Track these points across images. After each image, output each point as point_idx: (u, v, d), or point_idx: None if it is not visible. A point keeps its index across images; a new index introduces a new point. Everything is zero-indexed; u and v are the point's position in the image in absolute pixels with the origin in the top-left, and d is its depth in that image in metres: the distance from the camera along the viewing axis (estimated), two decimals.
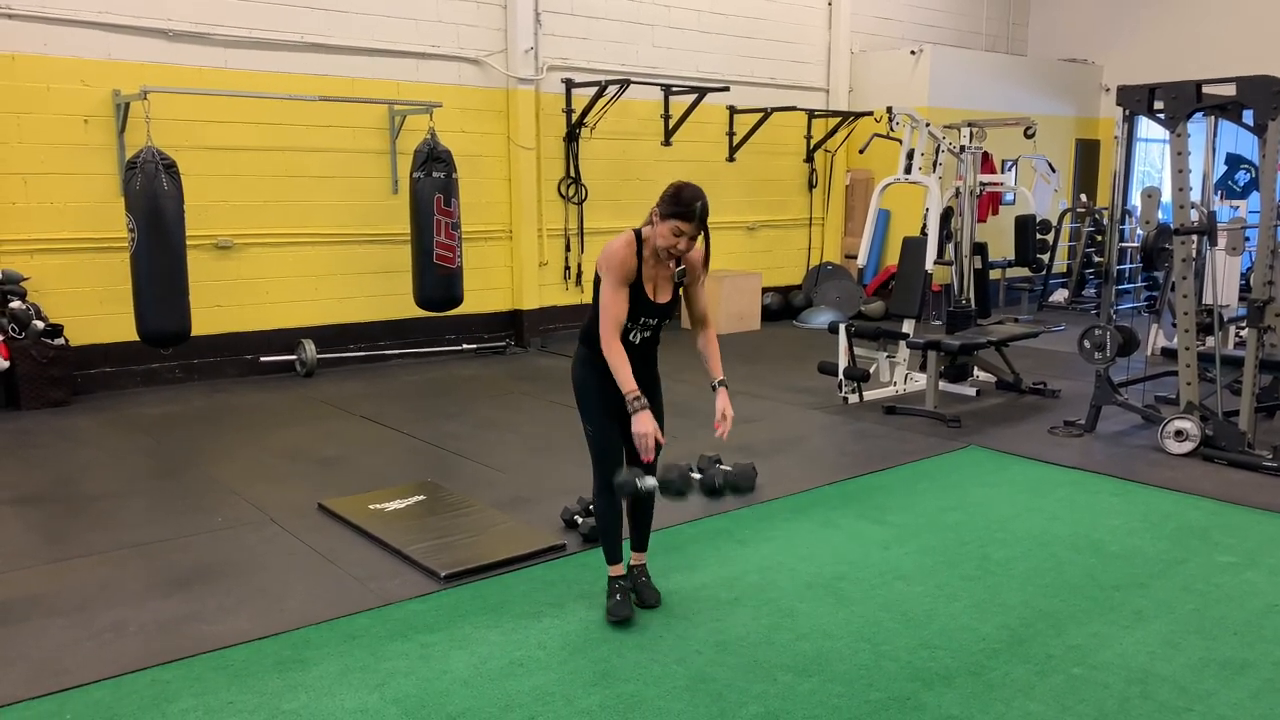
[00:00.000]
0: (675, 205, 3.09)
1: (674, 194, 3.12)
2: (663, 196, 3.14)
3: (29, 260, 6.52)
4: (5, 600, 3.54)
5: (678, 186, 3.14)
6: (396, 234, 7.82)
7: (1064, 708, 2.86)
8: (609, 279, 3.17)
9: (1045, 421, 6.18)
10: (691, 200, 3.09)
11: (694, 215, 3.09)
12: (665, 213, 3.11)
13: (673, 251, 3.15)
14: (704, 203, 3.11)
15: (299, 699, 2.88)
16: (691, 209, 3.09)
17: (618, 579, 3.50)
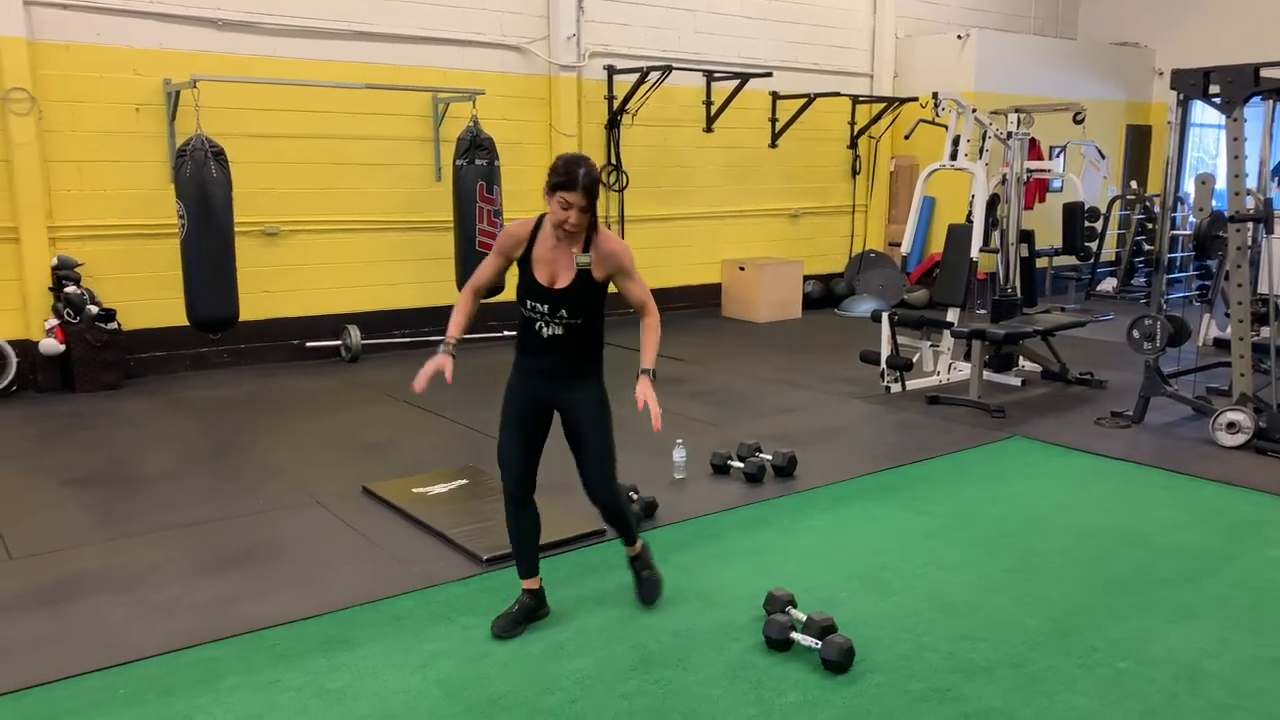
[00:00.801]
0: (557, 175, 2.91)
1: (555, 166, 2.95)
2: (549, 171, 2.97)
3: (83, 246, 6.67)
4: (63, 577, 3.64)
5: (563, 158, 2.98)
6: (440, 221, 7.88)
7: (1109, 702, 2.82)
8: (492, 251, 3.18)
9: (1092, 412, 6.08)
10: (573, 167, 2.91)
11: (577, 183, 2.89)
12: (550, 184, 2.93)
13: (566, 227, 2.95)
14: (589, 170, 2.92)
15: (343, 678, 2.94)
16: (573, 176, 2.89)
17: (527, 594, 3.30)
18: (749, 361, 7.77)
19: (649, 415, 3.17)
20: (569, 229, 2.97)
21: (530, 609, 3.28)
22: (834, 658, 2.98)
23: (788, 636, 3.12)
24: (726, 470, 4.89)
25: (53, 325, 6.45)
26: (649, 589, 3.43)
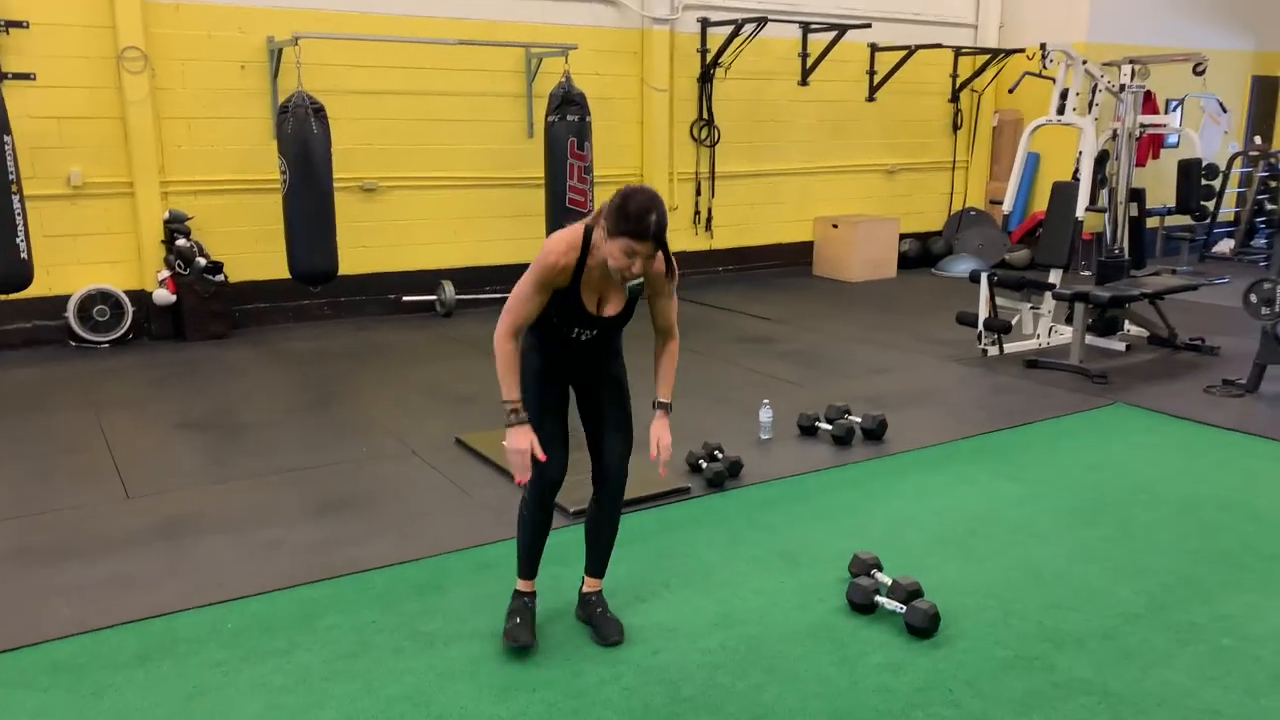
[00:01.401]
0: (624, 221, 2.49)
1: (621, 205, 2.51)
2: (608, 206, 2.55)
3: (193, 200, 6.94)
4: (175, 516, 3.84)
5: (625, 195, 2.53)
6: (531, 178, 7.93)
7: (1208, 679, 2.73)
8: (530, 274, 2.64)
9: (1201, 380, 5.83)
10: (643, 214, 2.49)
11: (648, 233, 2.50)
12: (612, 229, 2.52)
13: (626, 275, 2.59)
14: (660, 215, 2.52)
15: (435, 622, 3.04)
16: (644, 224, 2.49)
17: (524, 595, 2.96)
18: (839, 321, 7.66)
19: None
20: (628, 277, 2.61)
21: (534, 610, 2.97)
22: (919, 623, 2.95)
23: (872, 600, 3.10)
24: (814, 432, 4.85)
25: (165, 277, 6.75)
26: (613, 628, 2.95)
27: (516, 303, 2.69)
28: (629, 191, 2.56)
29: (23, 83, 6.28)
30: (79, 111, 6.52)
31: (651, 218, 2.51)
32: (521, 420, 2.69)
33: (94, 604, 3.14)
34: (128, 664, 2.80)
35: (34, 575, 3.34)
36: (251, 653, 2.86)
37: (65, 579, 3.31)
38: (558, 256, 2.61)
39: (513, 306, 2.70)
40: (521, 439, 2.68)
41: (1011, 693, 2.67)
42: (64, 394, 5.57)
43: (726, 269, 9.39)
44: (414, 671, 2.77)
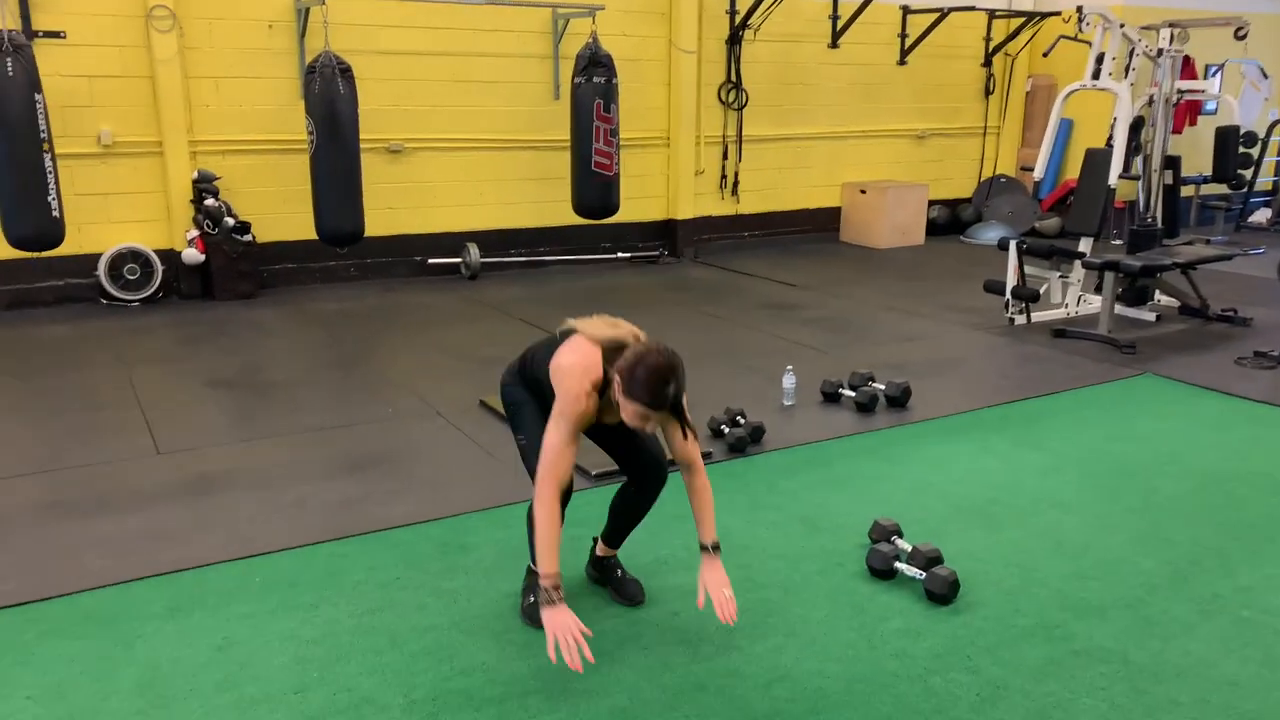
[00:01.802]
0: (639, 389, 2.41)
1: (636, 373, 2.41)
2: (625, 368, 2.43)
3: (221, 160, 6.97)
4: (204, 473, 3.91)
5: (639, 359, 2.42)
6: (557, 140, 7.89)
7: (1228, 650, 2.73)
8: (561, 421, 2.51)
9: (1232, 351, 5.75)
10: (659, 387, 2.41)
11: (663, 405, 2.44)
12: (627, 391, 2.43)
13: (642, 432, 2.59)
14: (677, 385, 2.45)
15: (458, 580, 3.08)
16: (660, 397, 2.42)
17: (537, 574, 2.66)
18: (866, 288, 7.61)
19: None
20: (648, 431, 2.58)
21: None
22: (938, 589, 2.96)
23: (892, 566, 3.11)
24: (837, 399, 4.84)
25: (193, 236, 6.80)
26: (635, 589, 2.98)
27: (554, 456, 2.50)
28: (646, 356, 2.43)
29: (53, 41, 6.32)
30: (108, 70, 6.54)
31: (668, 390, 2.42)
32: (561, 598, 2.45)
33: (125, 556, 3.20)
34: (158, 615, 2.87)
35: (67, 528, 3.42)
36: (279, 606, 2.92)
37: (97, 532, 3.38)
38: (585, 401, 2.51)
39: (552, 462, 2.50)
40: (564, 616, 2.43)
41: (1030, 660, 2.68)
42: (95, 351, 5.65)
43: (752, 234, 9.34)
44: (437, 627, 2.81)
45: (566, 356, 2.58)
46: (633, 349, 2.48)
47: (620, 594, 2.98)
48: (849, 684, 2.57)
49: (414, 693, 2.51)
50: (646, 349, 2.47)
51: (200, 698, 2.48)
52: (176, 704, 2.46)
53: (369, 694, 2.51)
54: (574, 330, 2.65)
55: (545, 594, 2.45)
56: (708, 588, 2.65)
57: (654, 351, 2.45)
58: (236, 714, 2.42)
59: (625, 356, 2.47)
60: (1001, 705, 2.48)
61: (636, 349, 2.48)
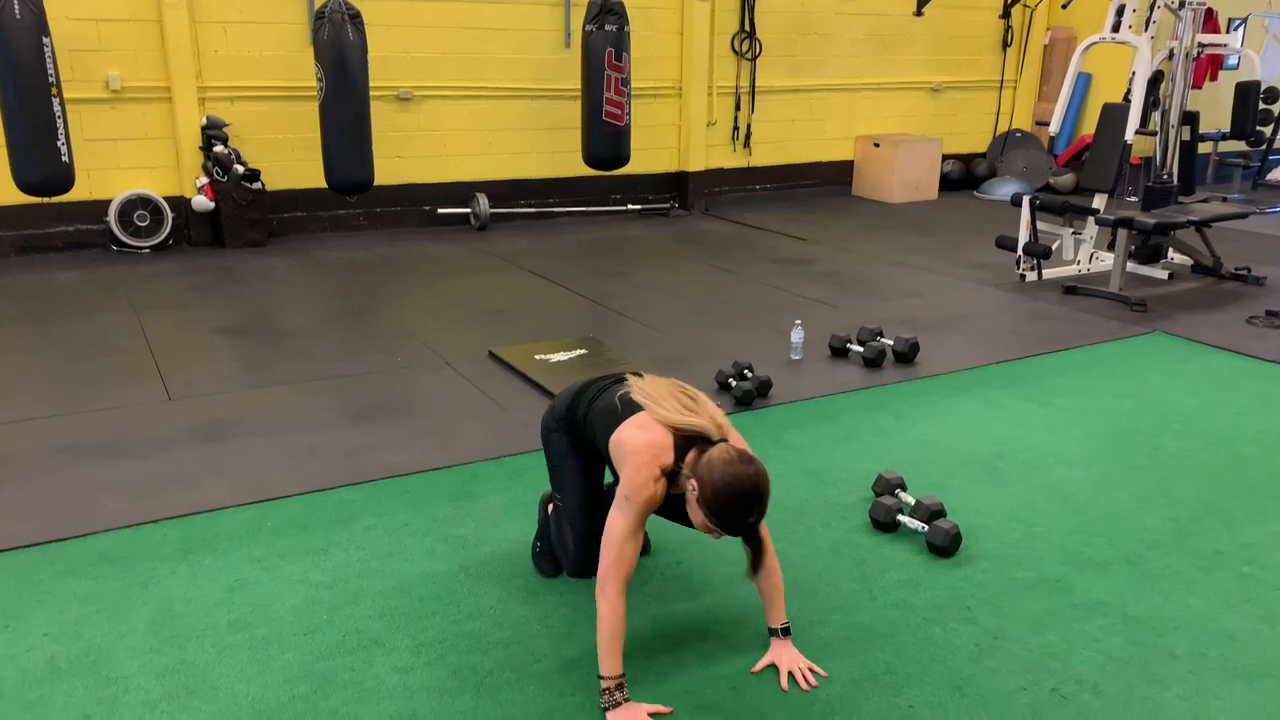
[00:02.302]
0: (720, 515, 2.23)
1: (720, 492, 2.20)
2: (706, 479, 2.20)
3: (230, 107, 6.93)
4: (216, 419, 3.95)
5: (726, 477, 2.19)
6: (567, 89, 7.82)
7: (1227, 605, 2.76)
8: (628, 507, 2.29)
9: (1244, 311, 5.72)
10: (741, 516, 2.23)
11: (742, 532, 2.30)
12: (708, 510, 2.23)
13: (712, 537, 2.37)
14: (761, 513, 2.27)
15: (467, 526, 3.12)
16: (740, 527, 2.27)
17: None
18: (877, 243, 7.57)
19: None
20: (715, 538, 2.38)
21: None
22: (939, 542, 2.99)
23: (894, 519, 3.14)
24: (845, 354, 4.85)
25: (203, 183, 6.79)
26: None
27: (620, 547, 2.29)
28: (735, 477, 2.19)
29: None
30: (116, 14, 6.48)
31: (750, 520, 2.25)
32: (625, 699, 2.27)
33: (138, 500, 3.25)
34: (171, 557, 2.92)
35: (80, 471, 3.46)
36: (290, 550, 2.96)
37: (110, 475, 3.43)
38: (654, 489, 2.29)
39: (617, 554, 2.28)
40: (637, 715, 2.26)
41: (1029, 612, 2.71)
42: (106, 297, 5.68)
43: (764, 187, 9.27)
44: (445, 573, 2.86)
45: (635, 435, 2.35)
46: (720, 456, 2.22)
47: None
48: (849, 633, 2.61)
49: (422, 635, 2.56)
50: (735, 463, 2.21)
51: (213, 636, 2.54)
52: (190, 642, 2.51)
53: (378, 636, 2.56)
54: (638, 403, 2.41)
55: (609, 695, 2.26)
56: (786, 665, 2.44)
57: (743, 472, 2.21)
58: (249, 653, 2.48)
59: (710, 463, 2.22)
60: (999, 655, 2.52)
61: (724, 458, 2.21)
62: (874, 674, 2.44)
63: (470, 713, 2.28)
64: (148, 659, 2.45)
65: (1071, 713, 2.31)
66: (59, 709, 2.27)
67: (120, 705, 2.28)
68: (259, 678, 2.38)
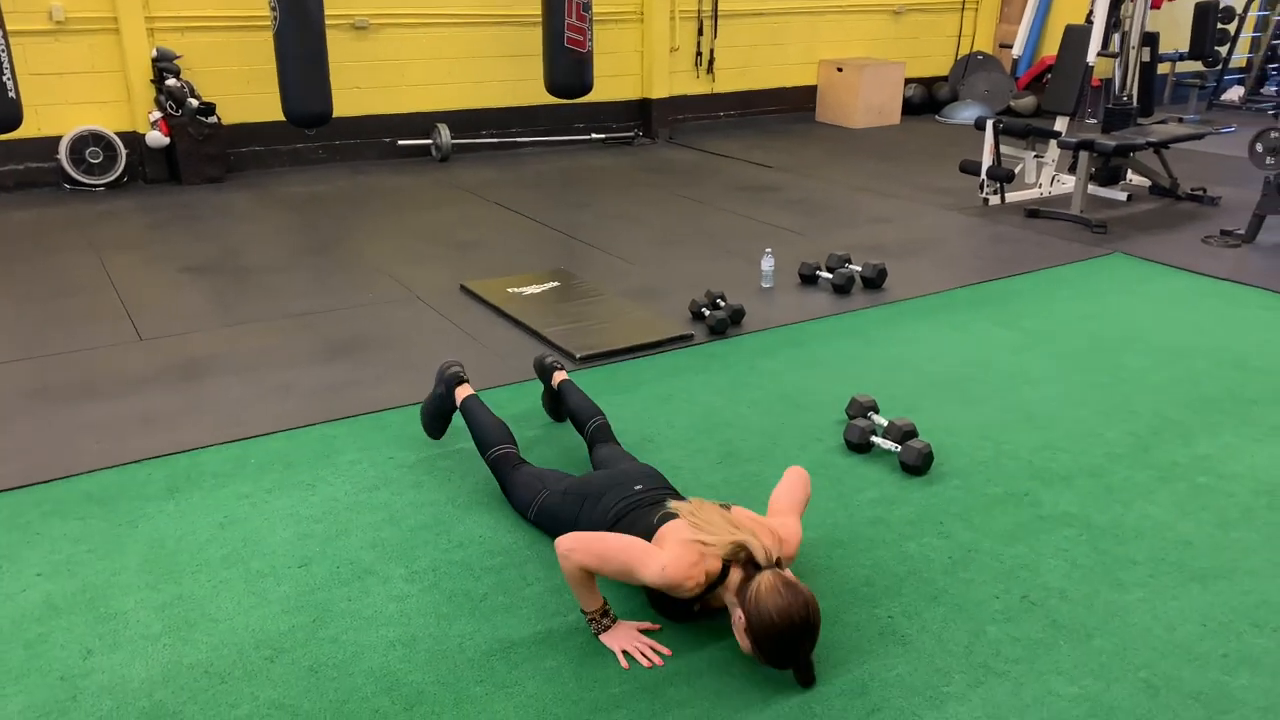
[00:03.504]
0: (769, 653, 2.16)
1: (769, 627, 2.11)
2: (759, 620, 2.12)
3: (180, 38, 6.71)
4: (190, 358, 3.92)
5: (779, 609, 2.10)
6: (527, 15, 7.66)
7: (1184, 513, 2.89)
8: (647, 568, 2.20)
9: (1200, 230, 5.85)
10: (789, 654, 2.15)
11: (791, 667, 2.19)
12: (754, 641, 2.16)
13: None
14: (810, 647, 2.18)
15: (451, 459, 3.17)
16: (787, 663, 2.18)
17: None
18: (842, 169, 7.59)
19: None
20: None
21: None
22: (912, 461, 3.09)
23: (868, 440, 3.23)
24: (815, 281, 4.90)
25: (157, 118, 6.61)
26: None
27: (616, 569, 2.24)
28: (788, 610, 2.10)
29: None
30: None
31: (801, 653, 2.17)
32: (613, 621, 2.34)
33: (119, 440, 3.25)
34: (158, 495, 2.93)
35: (56, 413, 3.44)
36: (277, 485, 2.99)
37: (87, 417, 3.42)
38: (693, 583, 2.20)
39: (609, 563, 2.24)
40: (623, 631, 2.33)
41: (1000, 525, 2.83)
42: (63, 237, 5.56)
43: (728, 114, 9.21)
44: (434, 503, 2.91)
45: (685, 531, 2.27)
46: (770, 586, 2.14)
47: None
48: (829, 549, 2.71)
49: (415, 564, 2.62)
50: (784, 594, 2.12)
51: (208, 571, 2.58)
52: (185, 577, 2.55)
53: (371, 566, 2.61)
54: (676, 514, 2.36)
55: (597, 623, 2.32)
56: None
57: (794, 605, 2.11)
58: (245, 585, 2.52)
59: (760, 593, 2.13)
60: (973, 567, 2.63)
61: (774, 589, 2.13)
62: (853, 587, 2.55)
63: (467, 635, 2.35)
64: (144, 595, 2.48)
65: (1040, 617, 2.43)
66: (60, 645, 2.30)
67: (122, 639, 2.32)
68: (257, 609, 2.43)
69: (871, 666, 2.26)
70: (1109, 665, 2.27)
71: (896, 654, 2.30)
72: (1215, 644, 2.34)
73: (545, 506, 2.73)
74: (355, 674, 2.22)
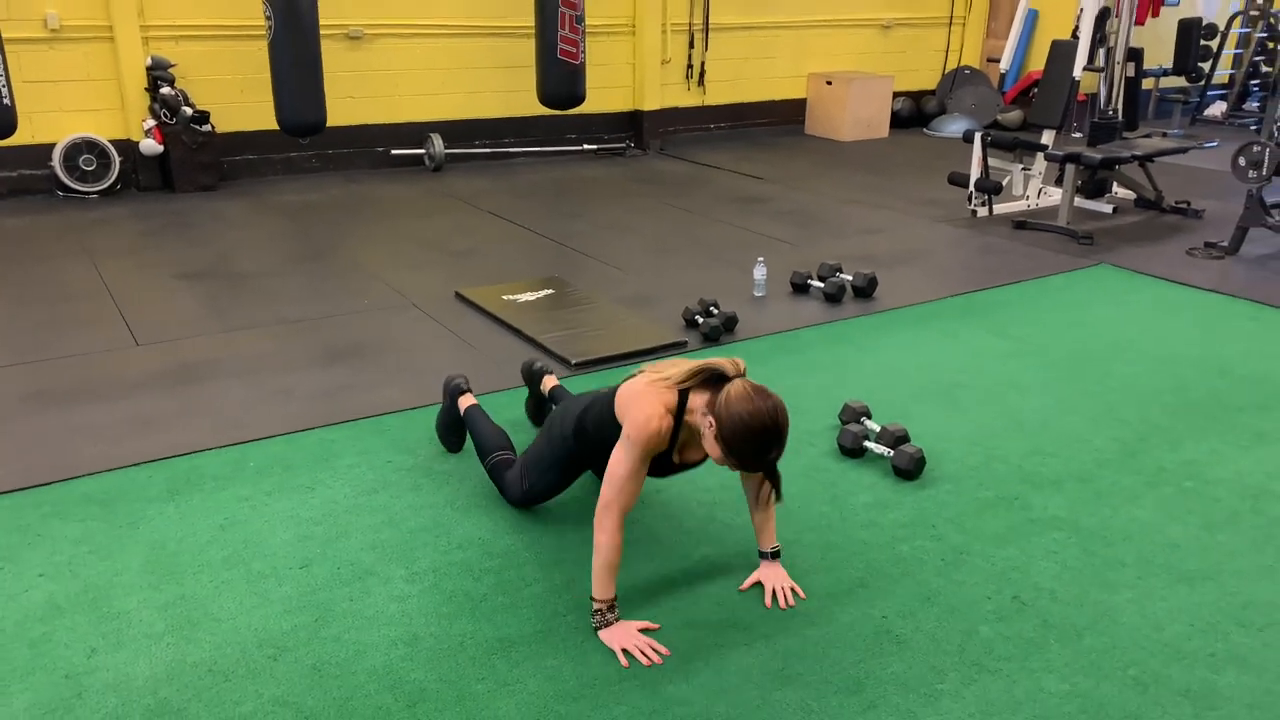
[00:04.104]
0: (739, 449, 2.25)
1: (739, 427, 2.21)
2: (726, 413, 2.22)
3: (175, 47, 6.74)
4: (186, 362, 3.94)
5: (747, 412, 2.20)
6: (520, 26, 7.72)
7: (1170, 516, 2.95)
8: (631, 450, 2.34)
9: (1184, 242, 5.95)
10: (761, 452, 2.27)
11: (762, 469, 2.38)
12: (726, 446, 2.25)
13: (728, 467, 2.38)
14: (780, 449, 2.29)
15: (449, 463, 3.20)
16: (760, 463, 2.32)
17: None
18: (831, 181, 7.67)
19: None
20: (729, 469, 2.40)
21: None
22: (905, 465, 3.14)
23: (861, 445, 3.27)
24: (806, 289, 4.96)
25: (151, 126, 6.63)
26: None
27: (624, 483, 2.35)
28: (755, 412, 2.20)
29: None
30: None
31: (770, 456, 2.29)
32: (616, 618, 2.39)
33: (118, 443, 3.27)
34: (158, 498, 2.95)
35: (55, 416, 3.46)
36: (276, 488, 3.01)
37: (86, 420, 3.43)
38: (659, 422, 2.31)
39: (621, 488, 2.34)
40: (624, 628, 2.37)
41: (991, 528, 2.87)
42: (58, 244, 5.57)
43: (719, 126, 9.28)
44: (432, 506, 2.93)
45: (638, 383, 2.45)
46: (738, 392, 2.24)
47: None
48: (823, 551, 2.75)
49: (415, 565, 2.65)
50: (753, 398, 2.22)
51: (210, 572, 2.60)
52: (187, 578, 2.57)
53: (371, 567, 2.64)
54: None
55: (601, 616, 2.37)
56: (771, 584, 2.55)
57: (761, 407, 2.22)
58: (246, 586, 2.54)
59: (728, 400, 2.23)
60: (964, 568, 2.68)
61: (742, 394, 2.23)
62: (848, 588, 2.59)
63: (468, 634, 2.38)
64: (147, 595, 2.50)
65: (1032, 617, 2.48)
66: (64, 644, 2.32)
67: (125, 638, 2.34)
68: (259, 609, 2.45)
69: (867, 665, 2.30)
70: (1099, 663, 2.31)
71: (891, 653, 2.34)
72: (1202, 643, 2.39)
73: (527, 466, 2.82)
74: (358, 672, 2.25)
